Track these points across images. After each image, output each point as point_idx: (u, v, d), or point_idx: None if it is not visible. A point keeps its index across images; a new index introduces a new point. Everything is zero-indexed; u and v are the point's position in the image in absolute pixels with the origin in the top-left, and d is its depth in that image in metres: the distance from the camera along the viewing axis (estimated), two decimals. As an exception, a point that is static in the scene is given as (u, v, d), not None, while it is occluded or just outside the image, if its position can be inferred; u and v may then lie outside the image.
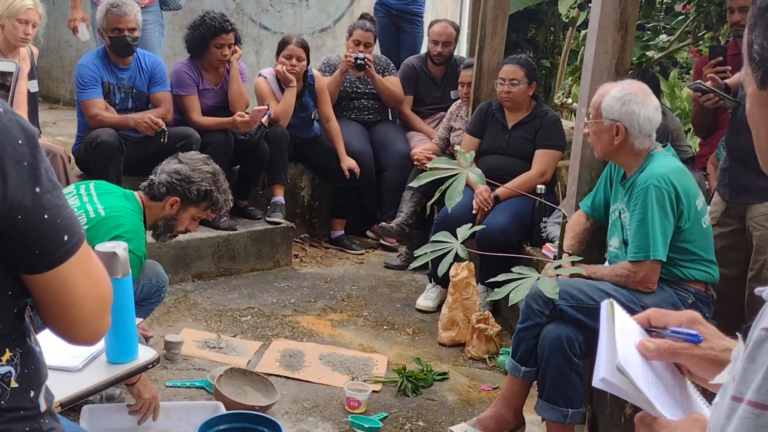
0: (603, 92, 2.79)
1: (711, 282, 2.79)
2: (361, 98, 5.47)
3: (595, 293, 2.73)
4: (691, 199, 2.71)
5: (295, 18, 6.82)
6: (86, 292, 1.15)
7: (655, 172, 2.69)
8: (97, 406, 2.68)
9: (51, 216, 1.10)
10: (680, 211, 2.68)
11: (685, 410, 1.07)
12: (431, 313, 4.18)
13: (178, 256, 4.33)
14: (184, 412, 2.77)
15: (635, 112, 2.75)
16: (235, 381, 3.04)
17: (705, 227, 2.76)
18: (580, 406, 2.76)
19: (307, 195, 5.35)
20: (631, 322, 1.15)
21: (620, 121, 2.74)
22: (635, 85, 2.82)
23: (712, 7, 5.61)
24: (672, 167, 2.73)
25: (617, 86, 2.80)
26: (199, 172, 3.03)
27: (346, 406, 3.12)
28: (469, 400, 3.32)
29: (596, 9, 3.06)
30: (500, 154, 4.37)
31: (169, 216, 3.05)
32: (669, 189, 2.65)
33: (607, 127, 2.75)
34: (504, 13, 4.72)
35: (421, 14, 6.23)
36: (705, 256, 2.76)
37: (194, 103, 4.66)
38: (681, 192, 2.67)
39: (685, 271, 2.74)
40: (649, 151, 2.79)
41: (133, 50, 4.36)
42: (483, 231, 4.03)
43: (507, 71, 4.29)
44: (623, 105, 2.74)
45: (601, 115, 2.75)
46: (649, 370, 1.09)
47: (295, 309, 4.13)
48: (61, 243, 1.11)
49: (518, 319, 2.88)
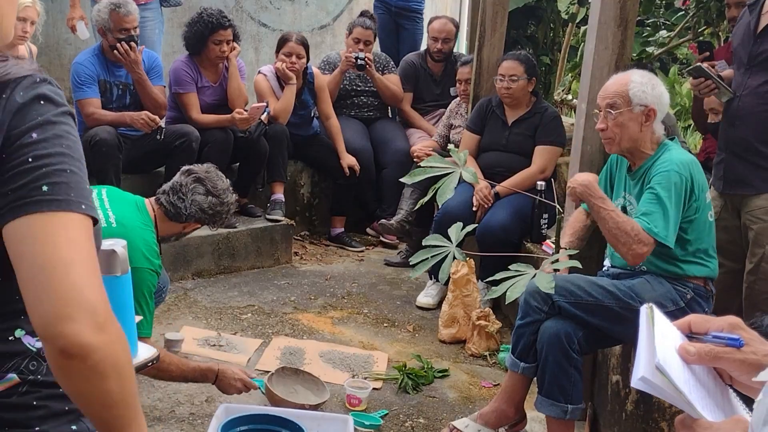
0: (623, 81, 2.76)
1: (710, 277, 2.79)
2: (361, 95, 5.47)
3: (593, 289, 2.72)
4: (703, 192, 2.71)
5: (294, 15, 6.81)
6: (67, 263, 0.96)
7: (676, 158, 2.67)
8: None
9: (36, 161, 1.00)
10: (692, 204, 2.67)
11: (726, 414, 1.05)
12: (431, 310, 4.18)
13: (178, 253, 4.32)
14: (315, 422, 2.71)
15: (664, 94, 2.76)
16: (287, 380, 3.10)
17: (711, 221, 2.76)
18: (580, 402, 2.75)
19: (307, 192, 5.35)
20: (672, 328, 1.14)
21: (652, 104, 2.73)
22: (642, 71, 2.84)
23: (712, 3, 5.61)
24: (689, 158, 2.73)
25: (633, 74, 2.79)
26: (226, 206, 3.03)
27: (347, 403, 3.12)
28: (470, 397, 3.32)
29: (596, 5, 3.05)
30: (500, 151, 4.37)
31: (185, 233, 3.11)
32: (688, 179, 2.64)
33: (636, 114, 2.73)
34: (504, 9, 4.71)
35: (421, 11, 6.23)
36: (707, 251, 2.76)
37: (193, 101, 4.65)
38: (696, 184, 2.67)
39: (684, 267, 2.73)
40: (661, 140, 2.79)
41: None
42: (483, 228, 4.05)
43: (506, 67, 4.28)
44: (653, 88, 2.73)
45: (631, 102, 2.72)
46: (690, 373, 1.07)
47: (295, 306, 4.13)
48: (38, 190, 0.98)
49: (517, 316, 2.88)
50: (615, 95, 2.75)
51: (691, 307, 2.68)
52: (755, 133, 2.88)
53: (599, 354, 3.08)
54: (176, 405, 3.01)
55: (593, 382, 3.13)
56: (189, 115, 4.60)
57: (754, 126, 2.88)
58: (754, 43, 2.87)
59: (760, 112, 2.86)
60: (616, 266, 2.92)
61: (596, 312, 2.70)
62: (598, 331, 2.74)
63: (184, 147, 4.37)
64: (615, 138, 2.76)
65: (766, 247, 2.82)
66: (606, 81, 2.88)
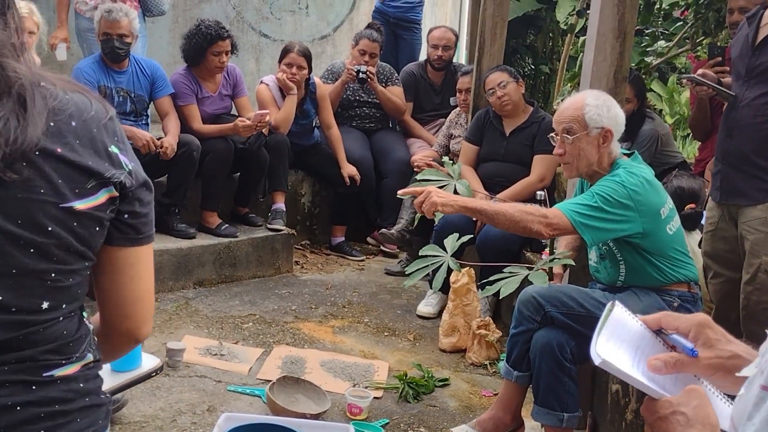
0: (578, 105, 2.78)
1: (692, 280, 2.81)
2: (364, 107, 5.49)
3: (585, 300, 2.74)
4: (651, 209, 2.70)
5: (295, 26, 6.85)
6: (148, 283, 1.26)
7: (623, 173, 2.71)
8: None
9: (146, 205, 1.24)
10: (626, 206, 2.66)
11: (685, 383, 1.09)
12: (432, 319, 4.20)
13: (180, 263, 4.34)
14: (316, 431, 2.69)
15: (619, 115, 2.78)
16: (288, 389, 3.12)
17: (672, 233, 2.77)
18: (576, 410, 2.77)
19: (307, 202, 5.37)
20: (634, 322, 1.18)
21: (609, 126, 2.75)
22: (597, 91, 2.85)
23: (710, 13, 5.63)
24: (638, 173, 2.72)
25: (588, 96, 2.80)
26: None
27: (348, 412, 3.13)
28: (471, 406, 3.33)
29: (595, 17, 3.08)
30: (499, 161, 4.40)
31: None
32: (625, 184, 2.66)
33: (593, 137, 2.75)
34: (503, 20, 4.75)
35: (419, 22, 6.26)
36: (675, 257, 2.77)
37: (194, 113, 4.67)
38: (637, 191, 2.66)
39: (665, 274, 2.75)
40: (616, 158, 2.81)
41: (121, 56, 4.37)
42: (483, 237, 4.07)
43: (492, 79, 4.38)
44: (608, 110, 2.75)
45: (587, 126, 2.74)
46: (640, 356, 1.12)
47: (296, 316, 4.14)
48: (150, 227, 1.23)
49: (511, 325, 2.90)
50: (571, 120, 2.77)
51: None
52: (752, 144, 2.89)
53: (598, 363, 3.09)
54: (178, 414, 3.03)
55: (593, 390, 3.14)
56: (190, 126, 4.62)
57: (750, 137, 2.90)
58: (752, 55, 2.88)
59: (756, 124, 2.87)
60: (600, 282, 2.94)
61: (587, 322, 2.71)
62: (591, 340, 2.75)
63: (185, 157, 4.40)
64: (573, 163, 2.79)
65: (762, 258, 2.84)
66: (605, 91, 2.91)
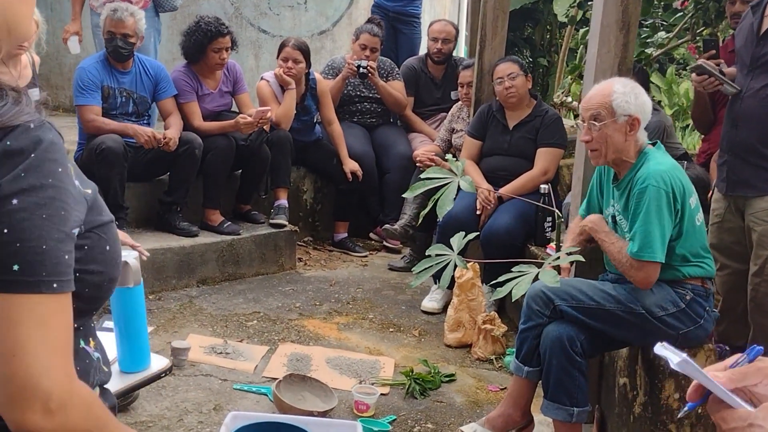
0: (606, 92, 2.76)
1: (707, 276, 2.80)
2: (365, 102, 5.47)
3: (595, 293, 2.73)
4: (686, 197, 2.70)
5: (294, 21, 6.83)
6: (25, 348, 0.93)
7: (653, 170, 2.67)
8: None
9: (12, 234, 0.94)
10: (677, 210, 2.67)
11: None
12: (437, 315, 4.19)
13: (183, 261, 4.33)
14: (323, 429, 2.71)
15: (646, 102, 2.75)
16: (294, 387, 3.11)
17: (698, 225, 2.76)
18: (586, 404, 2.76)
19: (310, 198, 5.36)
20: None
21: (636, 114, 2.73)
22: (625, 79, 2.83)
23: (711, 4, 5.61)
24: (669, 165, 2.72)
25: (616, 83, 2.78)
26: None
27: (355, 409, 3.13)
28: (477, 401, 3.32)
29: (598, 8, 3.06)
30: (502, 155, 4.38)
31: None
32: (668, 189, 2.63)
33: (621, 124, 2.72)
34: (504, 13, 4.73)
35: (419, 16, 6.24)
36: (698, 252, 2.76)
37: (194, 110, 4.65)
38: (677, 191, 2.66)
39: (682, 269, 2.74)
40: (643, 147, 2.80)
41: (124, 56, 4.35)
42: (487, 232, 4.06)
43: (502, 69, 4.34)
44: (636, 97, 2.72)
45: (615, 113, 2.72)
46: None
47: (300, 313, 4.13)
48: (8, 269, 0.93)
49: (520, 320, 2.89)
50: (599, 106, 2.74)
51: (691, 307, 2.69)
52: (758, 135, 2.88)
53: (606, 357, 3.09)
54: (184, 414, 3.02)
55: (600, 384, 3.13)
56: (191, 123, 4.60)
57: (756, 128, 2.88)
58: (757, 45, 2.87)
59: (762, 115, 2.86)
60: (613, 272, 2.93)
61: (598, 316, 2.70)
62: (601, 334, 2.75)
63: (187, 154, 4.38)
64: (601, 150, 2.77)
65: (769, 250, 2.83)
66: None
